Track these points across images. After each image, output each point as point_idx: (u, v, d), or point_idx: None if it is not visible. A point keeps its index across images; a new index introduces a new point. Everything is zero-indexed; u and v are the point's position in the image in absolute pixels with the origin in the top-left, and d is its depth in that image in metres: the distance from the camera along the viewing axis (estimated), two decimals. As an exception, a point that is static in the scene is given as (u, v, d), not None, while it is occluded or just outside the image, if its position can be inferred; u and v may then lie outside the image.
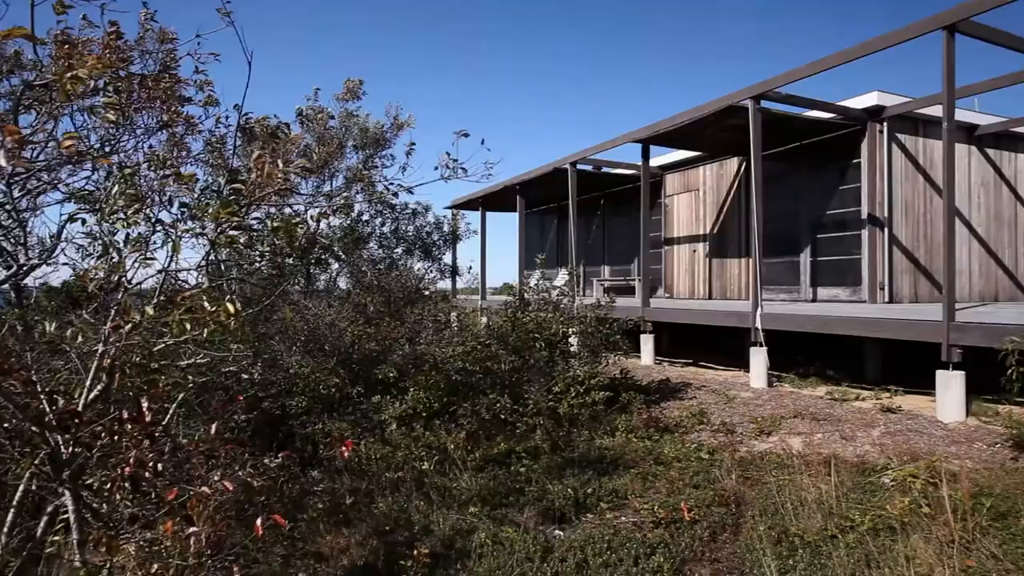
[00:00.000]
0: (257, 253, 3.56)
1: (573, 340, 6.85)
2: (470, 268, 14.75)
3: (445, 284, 16.72)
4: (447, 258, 14.53)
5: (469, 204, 18.36)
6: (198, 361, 3.05)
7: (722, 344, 9.97)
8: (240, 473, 3.37)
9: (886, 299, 9.34)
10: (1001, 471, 4.19)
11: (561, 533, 3.95)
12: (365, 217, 11.36)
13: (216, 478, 2.44)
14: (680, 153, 13.23)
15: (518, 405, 6.11)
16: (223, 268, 4.88)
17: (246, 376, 3.80)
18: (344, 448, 3.02)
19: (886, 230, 9.38)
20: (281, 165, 2.67)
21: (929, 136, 9.70)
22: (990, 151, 10.51)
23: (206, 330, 2.47)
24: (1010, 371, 4.17)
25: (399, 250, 11.44)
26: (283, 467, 4.11)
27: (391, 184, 7.36)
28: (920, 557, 2.91)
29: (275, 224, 2.93)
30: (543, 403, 5.89)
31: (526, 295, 7.82)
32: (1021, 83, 7.65)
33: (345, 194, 8.93)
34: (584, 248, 17.52)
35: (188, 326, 2.29)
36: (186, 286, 3.01)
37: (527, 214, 19.79)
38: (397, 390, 6.45)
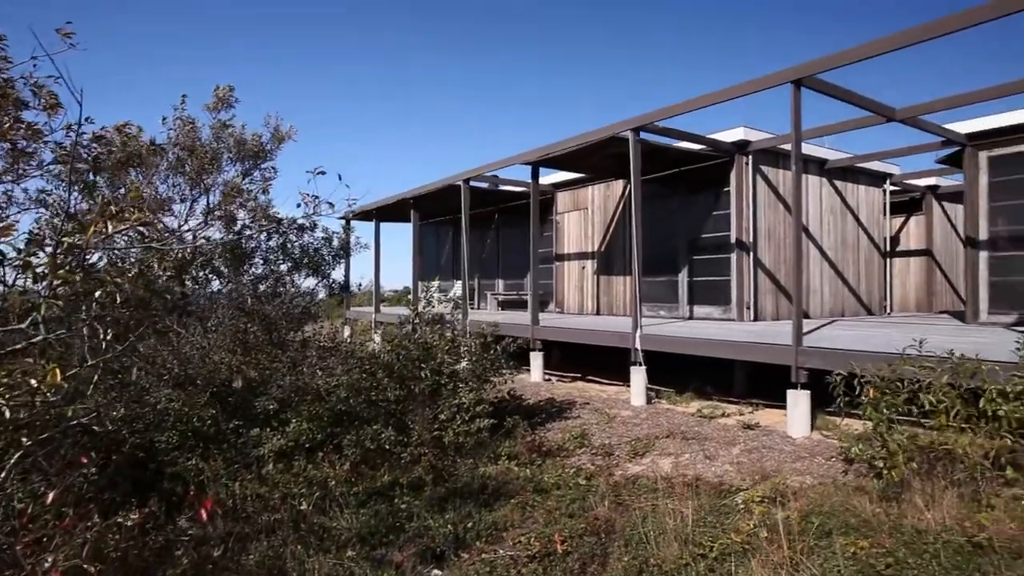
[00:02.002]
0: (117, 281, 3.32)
1: (461, 365, 6.91)
2: (360, 285, 14.41)
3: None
4: (337, 273, 14.19)
5: (363, 215, 17.99)
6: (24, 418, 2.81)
7: (608, 359, 10.43)
8: (88, 536, 3.14)
9: (752, 317, 10.18)
10: (832, 487, 4.70)
11: (440, 573, 4.00)
12: (249, 232, 10.86)
13: (48, 564, 2.26)
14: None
15: (403, 435, 6.09)
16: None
17: (98, 428, 3.52)
18: (204, 508, 2.88)
19: (752, 254, 10.23)
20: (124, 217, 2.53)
21: (788, 168, 10.69)
22: (837, 182, 11.75)
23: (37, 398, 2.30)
24: (837, 395, 4.69)
25: (284, 267, 11.01)
26: (146, 516, 3.87)
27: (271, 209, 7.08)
28: (758, 581, 3.23)
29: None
30: (427, 433, 5.91)
31: (419, 311, 7.82)
32: (860, 128, 8.63)
33: (219, 212, 8.53)
34: (479, 261, 17.69)
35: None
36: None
37: (424, 224, 19.70)
38: (278, 422, 6.23)
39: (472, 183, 12.77)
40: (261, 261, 11.09)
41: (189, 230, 10.03)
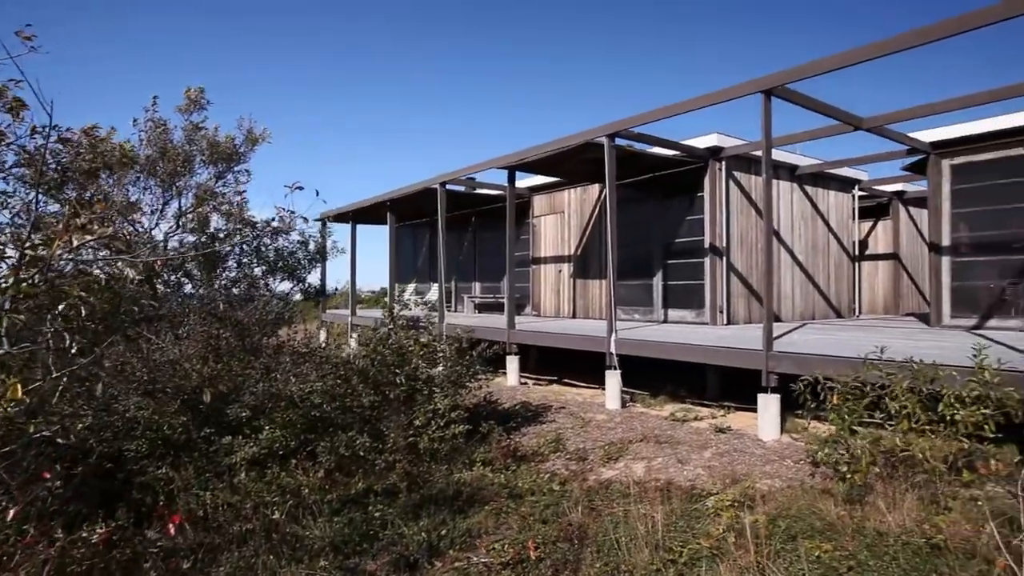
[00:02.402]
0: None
1: (437, 370, 6.92)
2: (336, 289, 14.30)
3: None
4: (314, 277, 14.05)
5: (340, 217, 17.87)
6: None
7: (584, 361, 10.50)
8: (52, 552, 3.08)
9: (725, 321, 10.34)
10: (800, 490, 4.81)
11: (412, 581, 4.00)
12: (222, 235, 10.73)
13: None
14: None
15: (377, 442, 6.07)
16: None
17: (62, 441, 3.45)
18: (171, 523, 2.86)
19: (725, 258, 10.39)
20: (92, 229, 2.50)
21: (760, 174, 10.88)
22: (808, 188, 11.99)
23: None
24: (803, 401, 4.80)
25: (259, 270, 10.89)
26: (113, 529, 3.80)
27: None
28: (726, 585, 3.30)
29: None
30: (402, 440, 5.90)
31: (395, 313, 7.80)
32: (829, 136, 8.83)
33: (191, 213, 8.42)
34: (456, 264, 17.68)
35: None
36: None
37: (401, 227, 19.62)
38: (251, 429, 6.17)
39: (449, 186, 12.76)
40: (235, 264, 10.95)
41: (161, 234, 9.88)
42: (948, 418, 4.05)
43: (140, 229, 8.88)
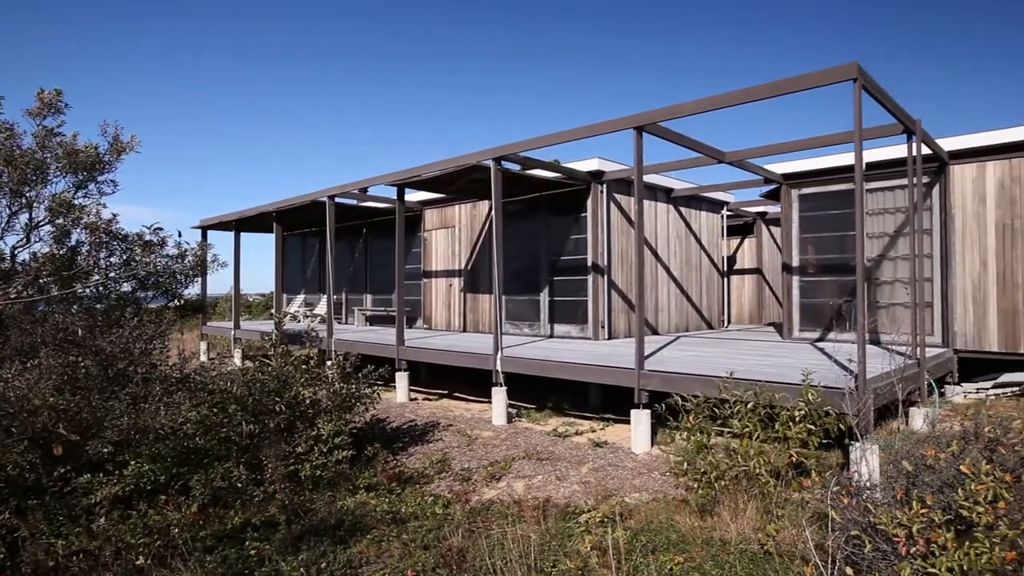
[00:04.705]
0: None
1: (321, 394, 6.81)
2: (215, 307, 13.57)
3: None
4: (195, 289, 13.23)
5: (222, 225, 16.99)
6: None
7: (473, 375, 10.69)
8: None
9: (606, 336, 10.92)
10: (663, 502, 5.25)
11: (288, 620, 3.96)
12: (85, 248, 9.88)
13: None
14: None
15: (257, 472, 5.90)
16: None
17: None
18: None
19: (606, 276, 10.98)
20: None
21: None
22: (682, 209, 12.93)
23: None
24: (665, 420, 5.25)
25: (128, 286, 10.13)
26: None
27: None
28: (588, 602, 3.56)
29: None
30: (282, 468, 5.78)
31: (281, 329, 7.56)
32: (696, 167, 9.62)
33: (46, 225, 7.74)
34: (347, 275, 17.33)
35: None
36: None
37: (290, 235, 18.94)
38: (115, 465, 5.78)
39: (339, 199, 12.54)
40: (100, 280, 10.12)
41: (7, 247, 8.98)
42: (783, 435, 4.60)
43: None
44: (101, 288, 9.54)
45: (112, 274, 10.63)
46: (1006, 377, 8.76)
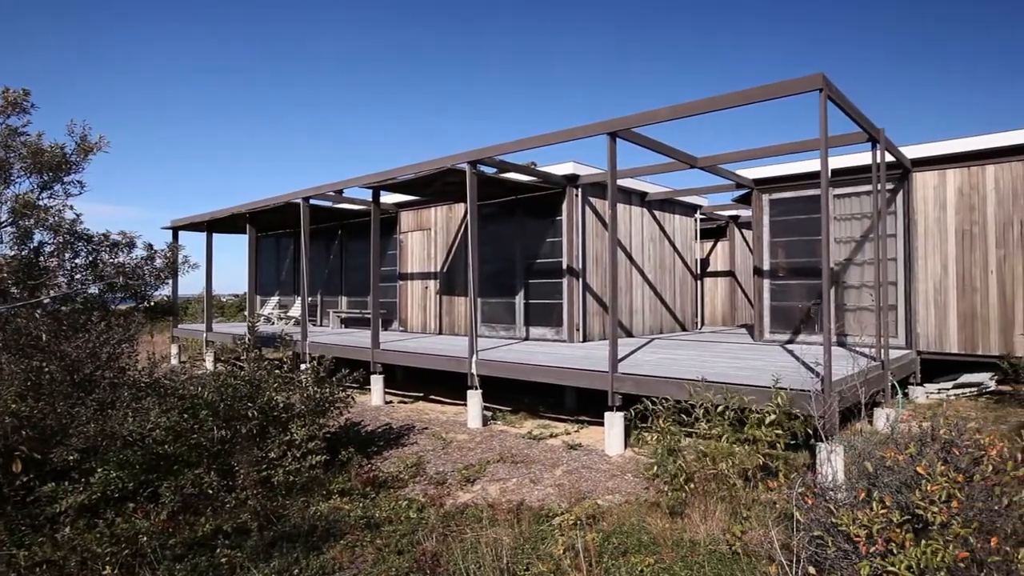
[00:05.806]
0: None
1: (295, 398, 6.76)
2: (187, 310, 13.35)
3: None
4: (165, 290, 13.01)
5: (193, 226, 16.72)
6: None
7: (449, 377, 10.68)
8: None
9: (581, 338, 11.00)
10: (635, 504, 5.32)
11: (260, 628, 3.94)
12: (49, 248, 9.65)
13: None
14: (415, 193, 13.83)
15: (228, 479, 5.84)
16: None
17: None
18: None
19: (581, 279, 11.07)
20: None
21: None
22: (657, 212, 13.09)
23: None
24: (636, 424, 5.32)
25: (95, 289, 9.91)
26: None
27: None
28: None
29: None
30: (254, 474, 5.73)
31: (255, 332, 7.46)
32: (670, 171, 9.76)
33: (8, 226, 7.54)
34: (323, 277, 17.18)
35: None
36: None
37: (264, 237, 18.72)
38: (81, 473, 5.67)
39: (313, 201, 12.43)
40: (65, 282, 9.88)
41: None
42: (752, 437, 4.70)
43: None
44: (66, 287, 9.32)
45: (78, 275, 10.40)
46: (965, 378, 9.05)
